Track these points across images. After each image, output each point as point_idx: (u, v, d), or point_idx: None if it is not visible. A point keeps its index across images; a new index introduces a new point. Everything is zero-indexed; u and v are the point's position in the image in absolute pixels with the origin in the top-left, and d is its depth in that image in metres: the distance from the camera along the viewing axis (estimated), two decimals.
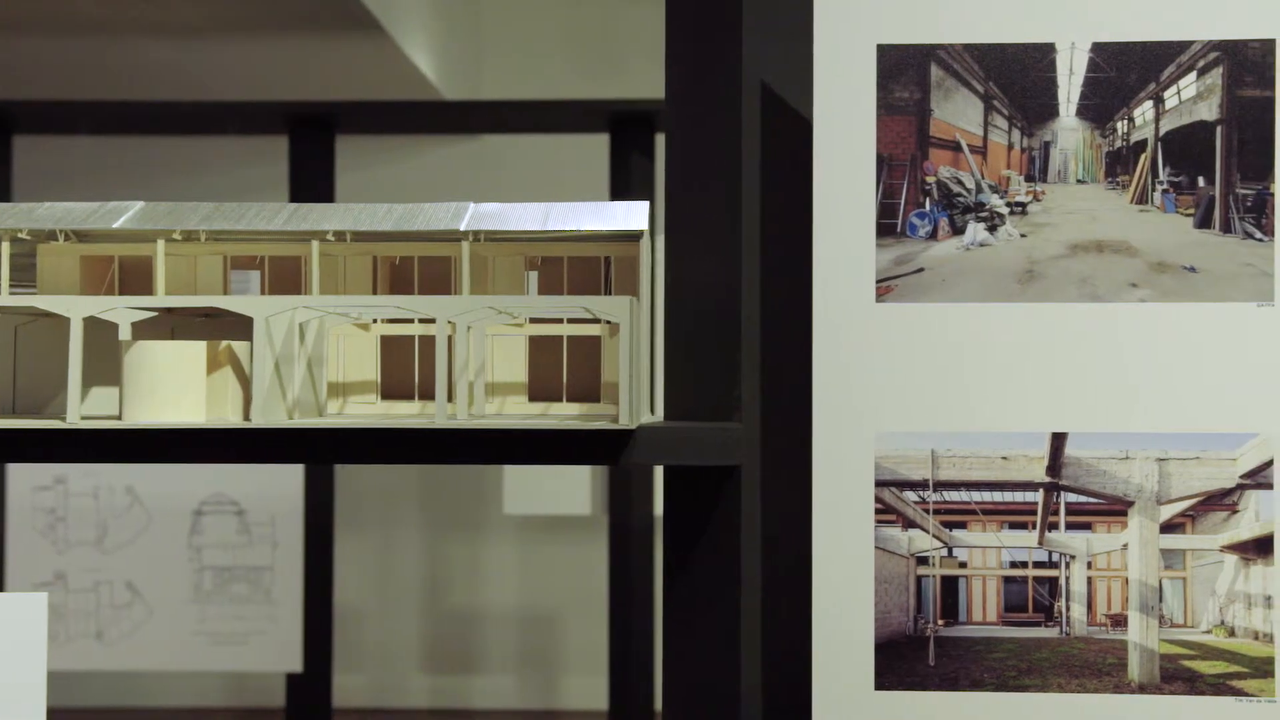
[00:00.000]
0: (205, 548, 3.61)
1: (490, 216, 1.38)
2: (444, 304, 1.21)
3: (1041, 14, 1.27)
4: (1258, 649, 1.26)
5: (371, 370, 1.44)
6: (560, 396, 1.43)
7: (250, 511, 3.64)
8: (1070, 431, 1.26)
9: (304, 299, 1.21)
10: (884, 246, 1.28)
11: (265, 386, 1.18)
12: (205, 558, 3.61)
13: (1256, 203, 1.26)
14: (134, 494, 3.59)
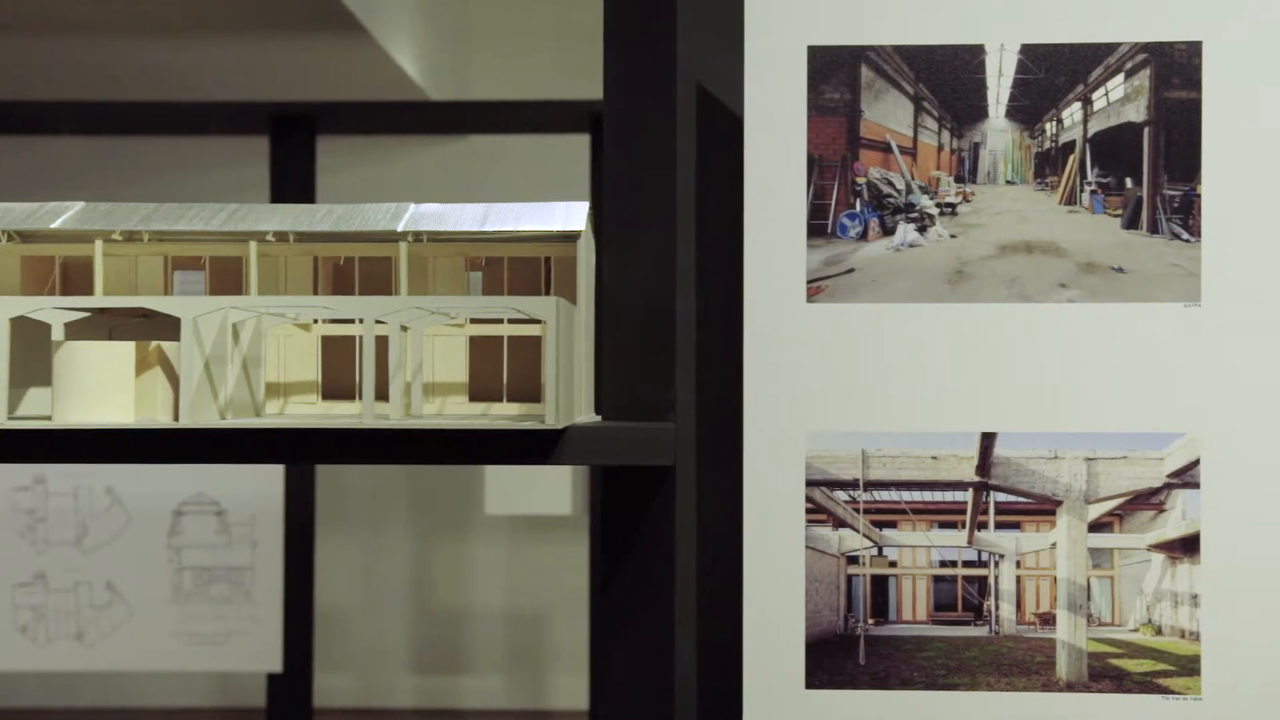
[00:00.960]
0: (185, 548, 3.62)
1: (429, 217, 1.39)
2: (370, 304, 1.21)
3: (971, 16, 1.27)
4: (1184, 647, 1.26)
5: (312, 370, 1.45)
6: (501, 397, 1.43)
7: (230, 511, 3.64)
8: (999, 431, 1.27)
9: (231, 299, 1.21)
10: (815, 247, 1.28)
11: (194, 387, 1.19)
12: (185, 558, 3.61)
13: (1183, 204, 1.26)
14: (114, 494, 3.60)
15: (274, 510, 3.60)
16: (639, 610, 1.31)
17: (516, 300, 1.21)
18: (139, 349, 1.21)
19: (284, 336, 1.43)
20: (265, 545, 3.62)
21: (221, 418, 1.25)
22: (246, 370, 1.33)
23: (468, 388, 1.44)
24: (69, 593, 3.55)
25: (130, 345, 1.20)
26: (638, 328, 1.31)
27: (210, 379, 1.23)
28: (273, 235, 1.38)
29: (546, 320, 1.19)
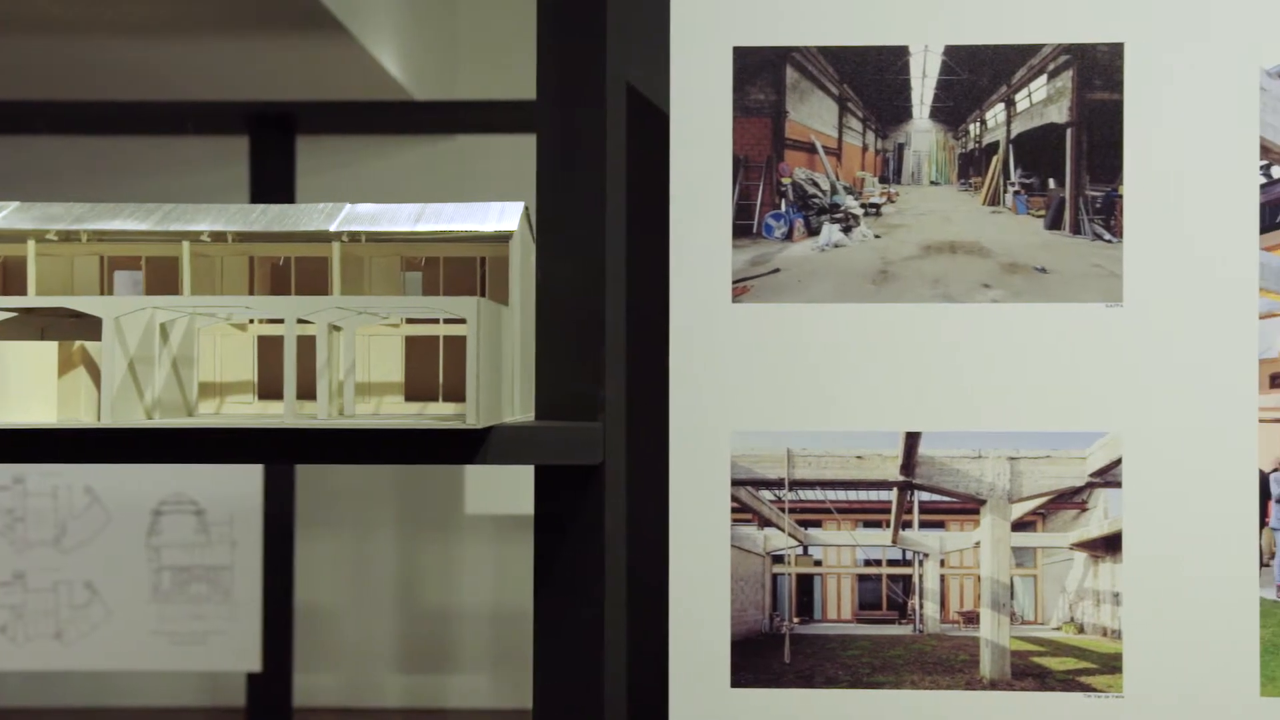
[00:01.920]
0: (164, 547, 3.62)
1: (363, 217, 1.40)
2: (291, 304, 1.22)
3: (895, 17, 1.28)
4: (1106, 645, 1.27)
5: (249, 370, 1.45)
6: (437, 396, 1.44)
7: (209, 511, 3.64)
8: (924, 431, 1.28)
9: (152, 299, 1.22)
10: (740, 247, 1.29)
11: (116, 386, 1.19)
12: (164, 557, 3.62)
13: (1105, 204, 1.27)
14: (93, 494, 3.60)
15: (253, 510, 3.61)
16: (570, 609, 1.31)
17: (437, 300, 1.22)
18: (62, 349, 1.21)
19: (220, 336, 1.44)
20: (244, 545, 3.62)
21: (149, 417, 1.26)
22: (178, 370, 1.33)
23: (404, 387, 1.45)
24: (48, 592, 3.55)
25: (53, 345, 1.21)
26: (568, 327, 1.32)
27: (136, 379, 1.24)
28: (208, 235, 1.39)
29: (468, 320, 1.20)
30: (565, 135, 1.32)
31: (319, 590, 4.55)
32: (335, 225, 1.37)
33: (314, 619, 4.55)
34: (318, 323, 1.25)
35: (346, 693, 4.64)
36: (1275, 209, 1.25)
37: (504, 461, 1.25)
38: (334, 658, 4.63)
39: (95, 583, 3.55)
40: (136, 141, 4.37)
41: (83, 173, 4.42)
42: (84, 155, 4.40)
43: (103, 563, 3.55)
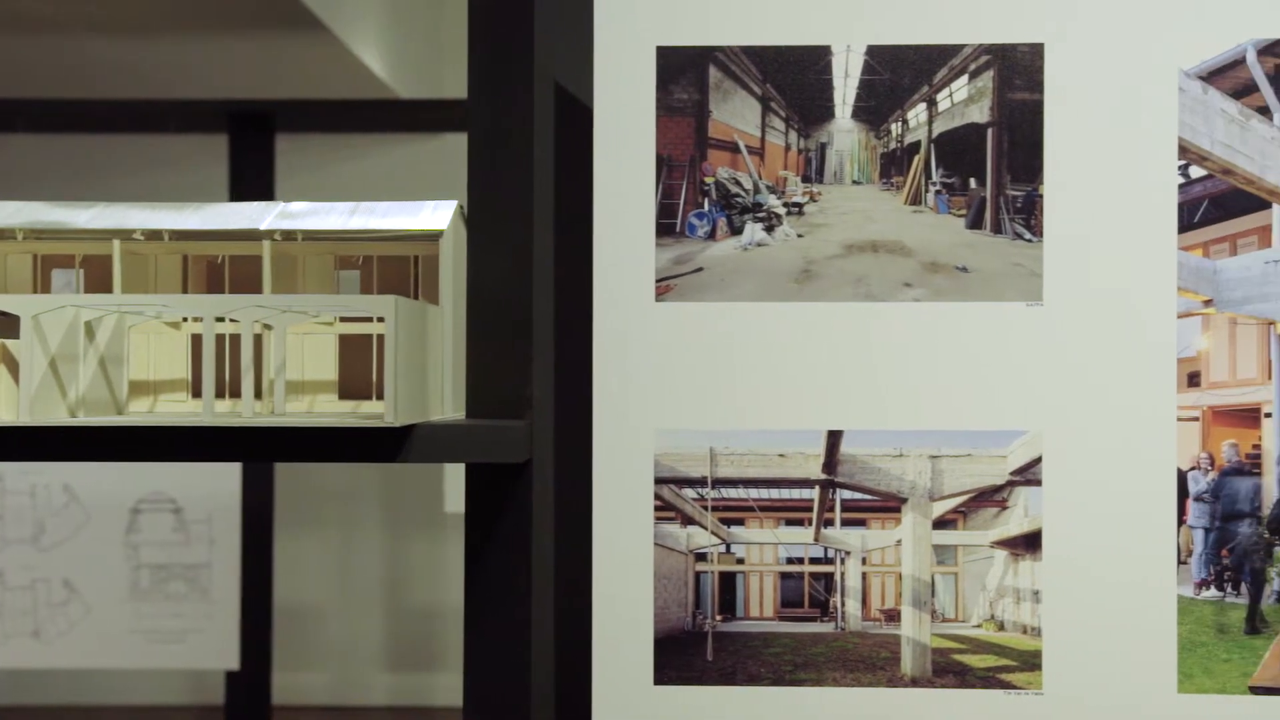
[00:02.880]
0: (142, 545, 3.62)
1: (295, 216, 1.40)
2: (207, 302, 1.22)
3: (818, 17, 1.28)
4: (1026, 642, 1.27)
5: (182, 369, 1.46)
6: (370, 394, 1.44)
7: (187, 509, 3.65)
8: (845, 429, 1.28)
9: (71, 297, 1.22)
10: (663, 246, 1.29)
11: (35, 385, 1.20)
12: (142, 555, 3.62)
13: (1026, 204, 1.27)
14: (71, 492, 3.61)
15: (231, 508, 3.61)
16: (498, 606, 1.32)
17: (355, 299, 1.23)
18: None
19: (153, 335, 1.44)
20: (222, 543, 3.62)
21: (72, 415, 1.26)
22: (106, 369, 1.34)
23: (338, 386, 1.45)
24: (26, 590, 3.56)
25: None
26: (496, 325, 1.32)
27: (59, 377, 1.25)
28: (140, 234, 1.39)
29: (386, 319, 1.20)
30: (495, 134, 1.33)
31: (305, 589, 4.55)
32: (265, 224, 1.38)
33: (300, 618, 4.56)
34: (242, 321, 1.26)
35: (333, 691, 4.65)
36: (1194, 209, 1.26)
37: (428, 460, 1.26)
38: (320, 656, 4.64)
39: (73, 581, 3.56)
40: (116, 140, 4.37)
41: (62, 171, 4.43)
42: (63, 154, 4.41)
43: (81, 561, 3.56)
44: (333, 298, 1.23)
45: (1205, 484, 1.26)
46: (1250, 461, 1.26)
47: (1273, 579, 1.26)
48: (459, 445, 1.26)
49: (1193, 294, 1.26)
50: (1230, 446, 1.26)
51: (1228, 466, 1.26)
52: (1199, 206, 1.26)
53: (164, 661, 3.55)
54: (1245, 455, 1.26)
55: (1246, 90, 1.26)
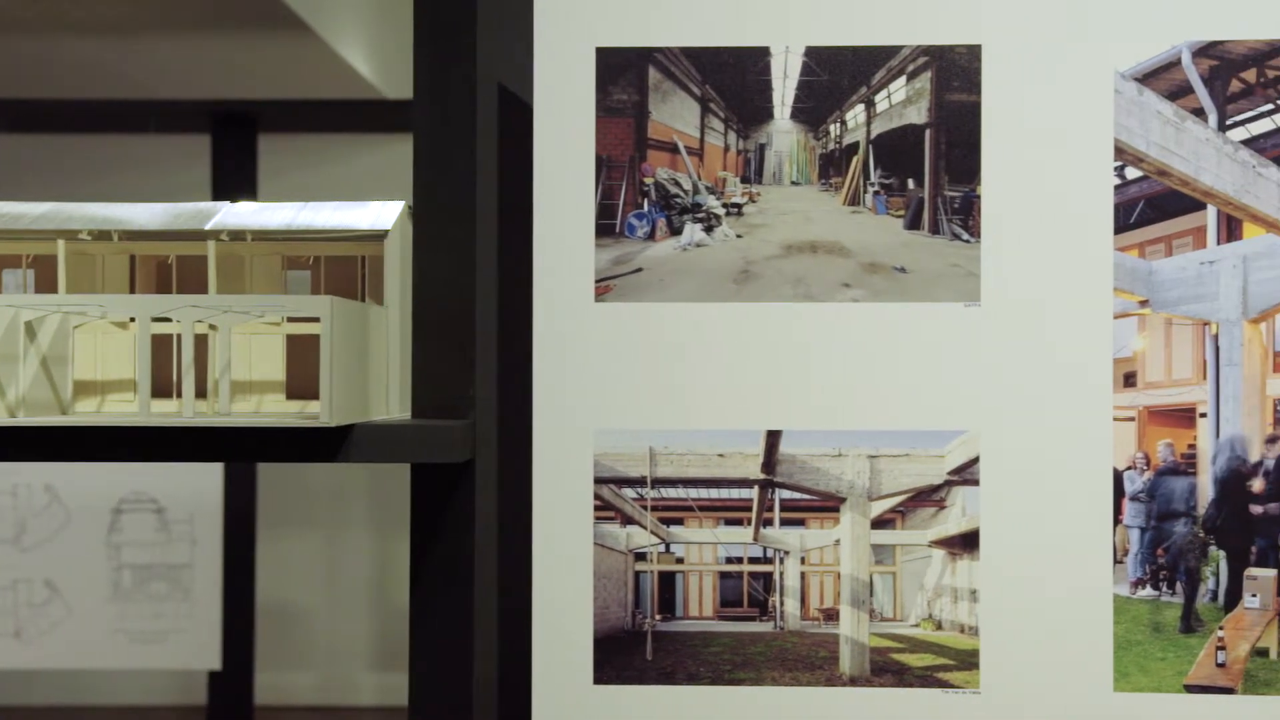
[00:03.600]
0: (124, 545, 3.62)
1: (240, 216, 1.40)
2: (142, 303, 1.23)
3: (757, 18, 1.29)
4: (963, 641, 1.28)
5: (130, 369, 1.46)
6: (317, 395, 1.45)
7: (169, 509, 3.65)
8: (784, 429, 1.29)
9: (9, 296, 1.23)
10: (603, 246, 1.30)
11: None
12: (124, 555, 3.62)
13: (964, 205, 1.28)
14: (53, 492, 3.61)
15: (213, 508, 3.62)
16: (442, 605, 1.32)
17: (290, 299, 1.23)
18: None
19: (100, 335, 1.45)
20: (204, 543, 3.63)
21: (11, 415, 1.26)
22: (49, 369, 1.34)
23: (285, 386, 1.45)
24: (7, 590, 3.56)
25: None
26: (441, 325, 1.33)
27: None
28: (88, 234, 1.40)
29: (321, 319, 1.21)
30: (439, 134, 1.33)
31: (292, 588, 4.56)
32: (210, 225, 1.38)
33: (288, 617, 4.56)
34: (182, 322, 1.26)
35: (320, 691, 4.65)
36: (1129, 210, 1.26)
37: (368, 460, 1.26)
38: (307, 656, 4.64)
39: (55, 581, 3.56)
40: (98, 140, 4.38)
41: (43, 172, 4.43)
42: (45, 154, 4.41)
43: (62, 561, 3.56)
44: (268, 298, 1.24)
45: (1141, 483, 1.26)
46: (1185, 461, 1.26)
47: (1207, 578, 1.27)
48: (400, 445, 1.27)
49: (1129, 294, 1.27)
50: (1166, 446, 1.26)
51: (1163, 466, 1.26)
52: (1135, 207, 1.26)
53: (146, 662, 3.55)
54: (1180, 455, 1.26)
55: (1182, 92, 1.26)
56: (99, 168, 4.51)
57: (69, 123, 4.04)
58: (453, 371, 1.32)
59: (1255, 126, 1.25)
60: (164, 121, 4.01)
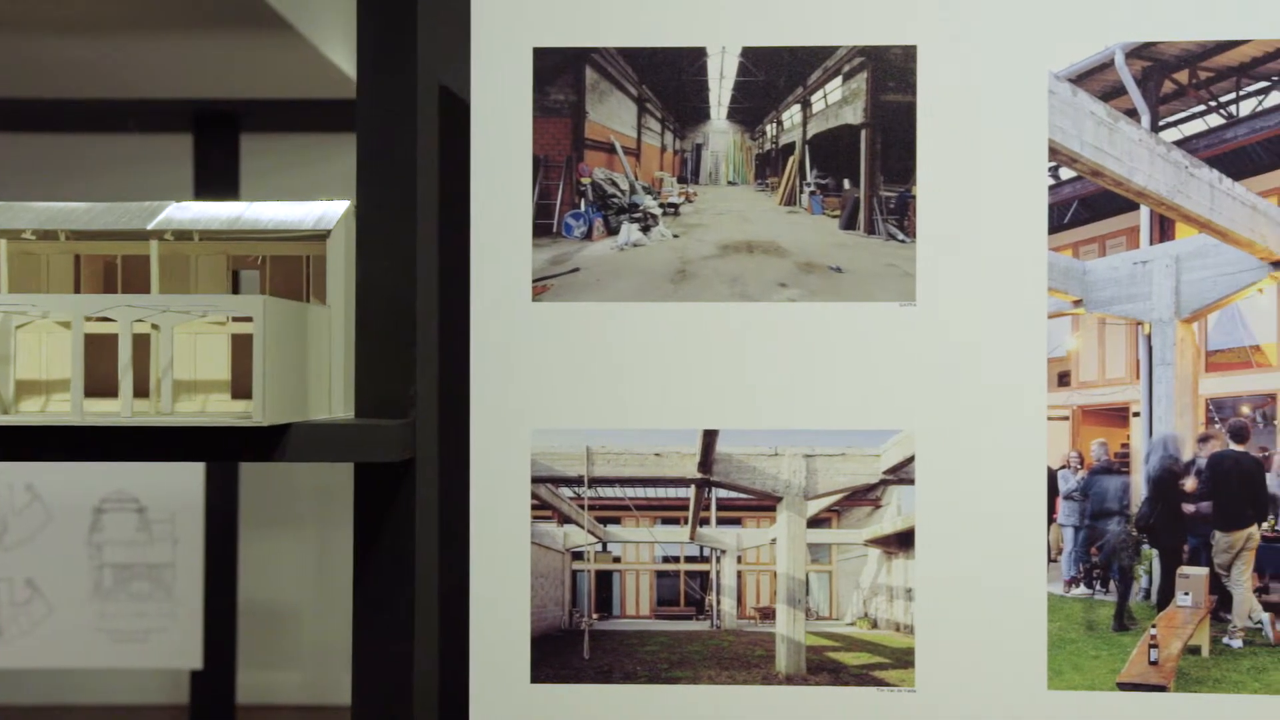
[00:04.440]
0: (106, 545, 3.63)
1: (183, 216, 1.41)
2: (75, 302, 1.23)
3: (693, 18, 1.29)
4: (899, 640, 1.28)
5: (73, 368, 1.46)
6: None
7: (151, 509, 3.65)
8: (721, 428, 1.29)
9: None
10: (540, 246, 1.30)
11: None
12: (106, 555, 3.62)
13: (899, 205, 1.28)
14: (34, 491, 3.61)
15: (194, 507, 3.62)
16: (383, 604, 1.32)
17: (222, 298, 1.23)
18: None
19: (45, 334, 1.45)
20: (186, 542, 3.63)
21: None
22: None
23: (230, 385, 1.46)
24: None
25: None
26: (383, 325, 1.33)
27: None
28: (32, 233, 1.40)
29: (254, 319, 1.21)
30: (382, 134, 1.34)
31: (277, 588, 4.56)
32: (153, 224, 1.39)
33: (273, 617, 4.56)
34: (119, 321, 1.26)
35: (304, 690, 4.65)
36: (1063, 210, 1.27)
37: (306, 459, 1.27)
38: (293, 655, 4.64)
39: (36, 580, 3.56)
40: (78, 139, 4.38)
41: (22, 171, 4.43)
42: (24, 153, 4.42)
43: (44, 560, 3.56)
44: (203, 298, 1.24)
45: (1075, 482, 1.27)
46: (1119, 460, 1.27)
47: (1140, 576, 1.27)
48: (338, 444, 1.27)
49: (1063, 294, 1.27)
50: (1099, 445, 1.27)
51: (1097, 465, 1.27)
52: (1069, 208, 1.26)
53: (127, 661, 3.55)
54: (1114, 454, 1.27)
55: (1115, 93, 1.27)
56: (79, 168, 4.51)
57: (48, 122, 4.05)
58: (394, 371, 1.32)
59: (1188, 127, 1.26)
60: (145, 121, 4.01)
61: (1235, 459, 1.25)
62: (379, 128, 1.33)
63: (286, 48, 3.93)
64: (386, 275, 1.33)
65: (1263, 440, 1.25)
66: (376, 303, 1.33)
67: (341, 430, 1.27)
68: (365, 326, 1.34)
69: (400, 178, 1.33)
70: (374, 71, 1.35)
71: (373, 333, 1.34)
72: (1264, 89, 1.25)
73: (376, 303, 1.33)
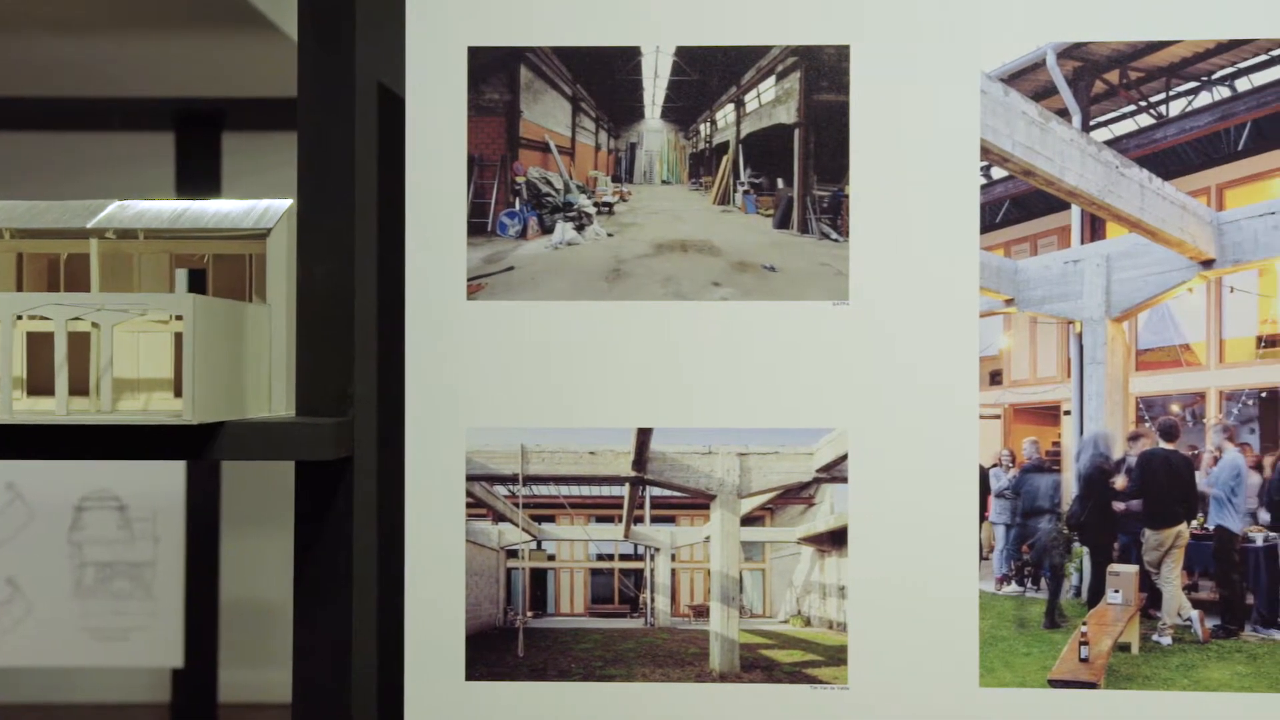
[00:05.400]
0: (86, 543, 3.63)
1: (125, 215, 1.41)
2: (4, 301, 1.23)
3: (627, 18, 1.29)
4: (832, 638, 1.29)
5: (17, 366, 1.47)
6: None
7: (132, 507, 3.65)
8: (655, 427, 1.29)
9: None
10: (475, 245, 1.31)
11: None
12: (86, 553, 3.63)
13: (832, 204, 1.28)
14: (15, 490, 3.61)
15: (175, 505, 3.62)
16: (322, 601, 1.33)
17: (151, 296, 1.24)
18: None
19: None
20: (167, 540, 3.63)
21: None
22: None
23: (173, 384, 1.46)
24: None
25: None
26: (322, 323, 1.33)
27: None
28: None
29: (184, 317, 1.21)
30: (322, 133, 1.34)
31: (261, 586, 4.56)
32: (93, 223, 1.39)
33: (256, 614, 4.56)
34: (54, 320, 1.27)
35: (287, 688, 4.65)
36: (995, 209, 1.27)
37: (238, 457, 1.27)
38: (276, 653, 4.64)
39: (17, 579, 3.56)
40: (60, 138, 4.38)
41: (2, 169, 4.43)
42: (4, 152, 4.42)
43: (24, 559, 3.56)
44: (134, 296, 1.24)
45: (1006, 481, 1.27)
46: (1050, 459, 1.27)
47: (1071, 574, 1.27)
48: (272, 443, 1.27)
49: (995, 293, 1.27)
50: (1031, 444, 1.27)
51: (1028, 463, 1.27)
52: (1000, 207, 1.27)
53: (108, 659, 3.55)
54: (1045, 452, 1.27)
55: (1046, 92, 1.27)
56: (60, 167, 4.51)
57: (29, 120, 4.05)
58: (333, 369, 1.33)
59: (1118, 127, 1.26)
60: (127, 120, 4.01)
61: (1165, 457, 1.25)
62: (319, 126, 1.34)
63: (269, 46, 3.93)
64: (326, 273, 1.33)
65: (1192, 438, 1.26)
66: (316, 301, 1.33)
67: (278, 428, 1.28)
68: (306, 325, 1.34)
69: (339, 176, 1.33)
70: (314, 71, 1.35)
71: (313, 331, 1.34)
72: (1194, 89, 1.25)
73: (316, 301, 1.33)
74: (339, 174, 1.33)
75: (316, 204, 1.34)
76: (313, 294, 1.33)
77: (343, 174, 1.33)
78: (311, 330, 1.34)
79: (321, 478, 1.32)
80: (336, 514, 1.32)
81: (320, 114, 1.33)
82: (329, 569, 1.32)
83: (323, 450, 1.27)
